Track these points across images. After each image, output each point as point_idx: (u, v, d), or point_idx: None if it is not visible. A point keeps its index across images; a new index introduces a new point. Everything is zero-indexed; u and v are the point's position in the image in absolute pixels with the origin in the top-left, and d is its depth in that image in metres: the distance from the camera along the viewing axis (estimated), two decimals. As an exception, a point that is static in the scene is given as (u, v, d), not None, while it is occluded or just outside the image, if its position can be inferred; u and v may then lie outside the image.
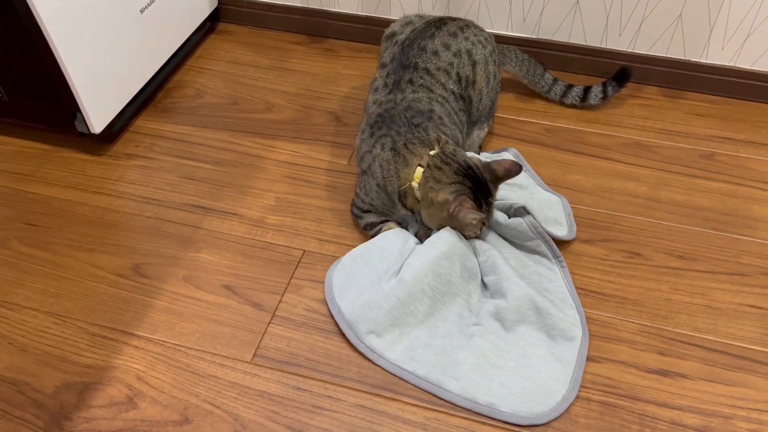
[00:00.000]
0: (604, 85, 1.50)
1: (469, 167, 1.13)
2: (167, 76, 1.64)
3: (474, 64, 1.30)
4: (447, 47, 1.27)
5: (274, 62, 1.70)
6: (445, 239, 1.15)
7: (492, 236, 1.22)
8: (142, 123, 1.53)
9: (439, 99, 1.24)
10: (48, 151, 1.47)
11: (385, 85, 1.25)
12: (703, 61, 1.54)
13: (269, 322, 1.15)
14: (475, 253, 1.19)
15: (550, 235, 1.20)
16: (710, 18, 1.46)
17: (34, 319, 1.16)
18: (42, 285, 1.21)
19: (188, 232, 1.29)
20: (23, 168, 1.43)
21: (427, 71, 1.24)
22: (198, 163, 1.43)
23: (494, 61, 1.35)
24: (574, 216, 1.30)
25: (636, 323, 1.14)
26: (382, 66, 1.30)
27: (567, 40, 1.60)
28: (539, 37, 1.61)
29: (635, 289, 1.19)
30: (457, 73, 1.27)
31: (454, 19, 1.33)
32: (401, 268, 1.14)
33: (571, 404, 1.03)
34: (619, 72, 1.49)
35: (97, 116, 1.39)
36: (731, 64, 1.53)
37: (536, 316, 1.11)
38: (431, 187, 1.13)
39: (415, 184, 1.15)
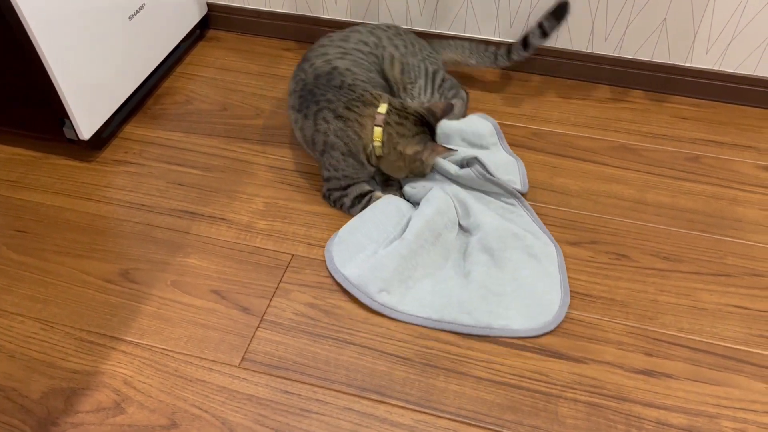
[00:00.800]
0: (540, 24, 1.48)
1: (422, 115, 1.27)
2: (157, 83, 1.64)
3: (378, 41, 1.42)
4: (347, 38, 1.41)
5: (263, 68, 1.71)
6: (436, 197, 1.26)
7: (450, 184, 1.33)
8: (131, 129, 1.54)
9: (338, 55, 1.35)
10: (37, 157, 1.47)
11: (293, 76, 1.37)
12: (687, 65, 1.56)
13: (257, 327, 1.15)
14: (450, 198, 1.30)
15: (501, 184, 1.31)
16: (694, 22, 1.48)
17: (21, 325, 1.16)
18: (30, 291, 1.21)
19: (177, 238, 1.30)
20: (12, 175, 1.43)
21: (322, 45, 1.38)
22: (187, 169, 1.44)
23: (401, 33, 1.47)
24: (562, 219, 1.31)
25: (622, 324, 1.14)
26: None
27: (554, 45, 1.61)
28: (526, 42, 1.63)
29: (622, 291, 1.20)
30: (358, 40, 1.40)
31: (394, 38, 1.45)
32: (403, 230, 1.24)
33: (568, 310, 1.16)
34: (557, 7, 1.46)
35: (86, 123, 1.39)
36: (715, 67, 1.55)
37: (515, 240, 1.22)
38: (397, 142, 1.25)
39: (377, 143, 1.25)
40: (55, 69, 1.28)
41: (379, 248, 1.22)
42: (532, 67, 1.66)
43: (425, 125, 1.26)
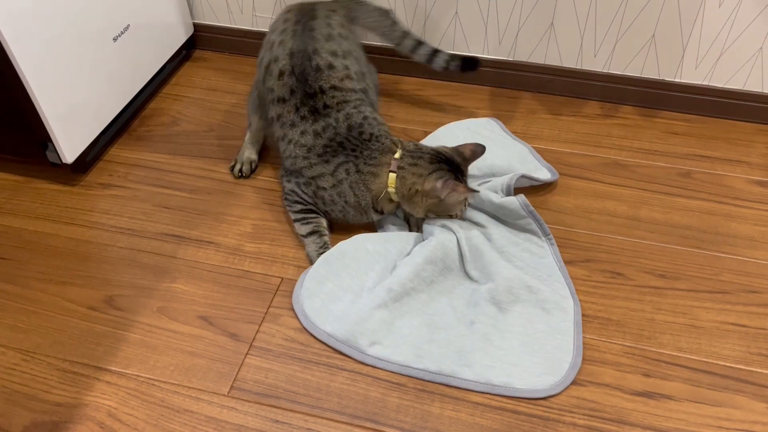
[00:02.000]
0: (451, 58, 1.48)
1: (440, 153, 1.23)
2: (142, 104, 1.62)
3: (357, 58, 1.36)
4: (334, 55, 1.28)
5: (250, 89, 1.68)
6: (431, 244, 1.20)
7: (483, 217, 1.29)
8: (116, 152, 1.51)
9: (358, 102, 1.27)
10: (19, 182, 1.44)
11: (303, 117, 1.24)
12: (677, 80, 1.55)
13: (246, 353, 1.12)
14: (459, 243, 1.23)
15: (538, 180, 1.33)
16: (683, 38, 1.48)
17: (2, 356, 1.12)
18: (11, 320, 1.17)
19: (163, 262, 1.27)
20: (-7, 200, 1.39)
21: (335, 88, 1.25)
22: (173, 192, 1.41)
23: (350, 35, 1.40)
24: (555, 237, 1.29)
25: (619, 344, 1.12)
26: (281, 100, 1.26)
27: (543, 62, 1.61)
28: (515, 59, 1.62)
29: (618, 310, 1.18)
30: (355, 71, 1.31)
31: (314, 11, 1.34)
32: (383, 278, 1.19)
33: (578, 371, 1.08)
34: (468, 60, 1.49)
35: (69, 146, 1.37)
36: (705, 83, 1.54)
37: (528, 293, 1.16)
38: (414, 182, 1.21)
39: (391, 189, 1.22)
40: (37, 92, 1.25)
41: (357, 298, 1.16)
42: (521, 83, 1.65)
43: (444, 162, 1.21)
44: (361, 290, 1.17)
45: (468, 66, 1.50)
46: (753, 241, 1.29)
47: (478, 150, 1.26)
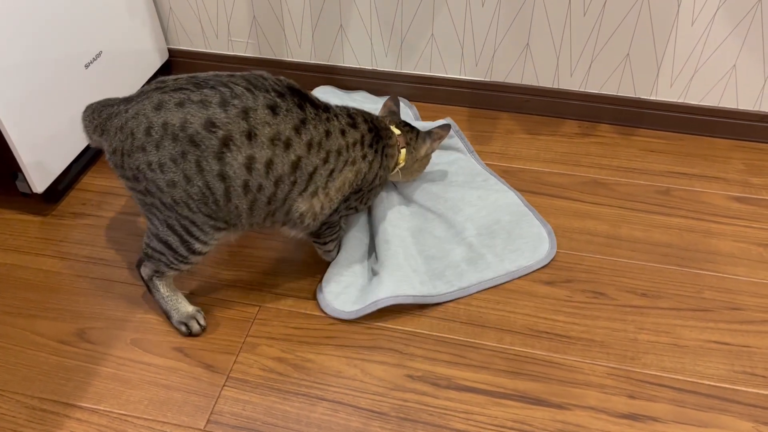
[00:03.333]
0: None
1: (400, 117, 1.33)
2: (116, 131, 1.59)
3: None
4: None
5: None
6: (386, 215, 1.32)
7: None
8: (89, 180, 1.48)
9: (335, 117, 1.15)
10: (-12, 212, 1.40)
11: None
12: (653, 98, 1.56)
13: (223, 385, 1.09)
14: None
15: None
16: (657, 56, 1.49)
17: (-33, 394, 1.08)
18: (-22, 357, 1.13)
19: (137, 292, 1.23)
20: (-39, 232, 1.36)
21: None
22: (148, 219, 1.38)
23: None
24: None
25: (604, 366, 1.11)
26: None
27: (520, 82, 1.61)
28: (493, 80, 1.62)
29: (601, 330, 1.16)
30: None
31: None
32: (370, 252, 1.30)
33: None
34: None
35: (40, 176, 1.33)
36: (680, 100, 1.55)
37: (481, 201, 1.38)
38: (418, 151, 1.30)
39: (401, 164, 1.26)
40: (5, 121, 1.23)
41: (367, 274, 1.25)
42: (499, 104, 1.65)
43: (406, 124, 1.30)
44: (365, 269, 1.26)
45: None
46: (733, 258, 1.28)
47: (396, 102, 1.34)
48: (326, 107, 1.10)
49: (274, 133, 1.00)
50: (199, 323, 1.16)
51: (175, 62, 1.78)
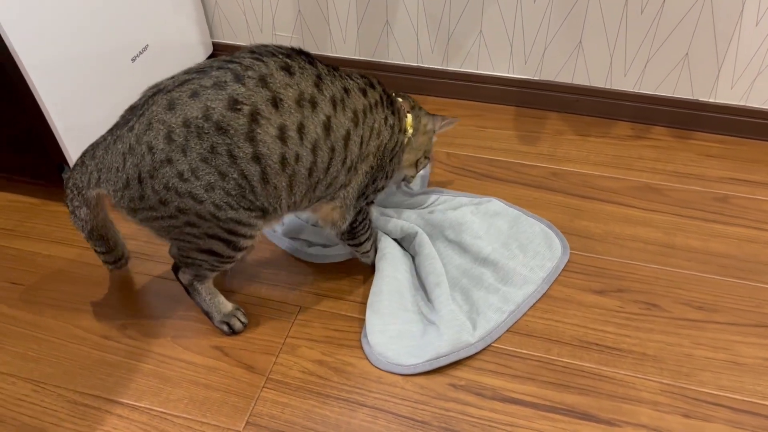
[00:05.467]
0: None
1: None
2: (160, 125, 1.59)
3: None
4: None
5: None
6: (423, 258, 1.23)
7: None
8: (133, 173, 1.48)
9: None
10: (34, 204, 1.41)
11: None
12: (712, 100, 1.49)
13: (263, 386, 1.07)
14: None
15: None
16: (718, 57, 1.42)
17: (12, 386, 1.08)
18: (22, 348, 1.14)
19: (177, 289, 1.22)
20: (7, 223, 1.37)
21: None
22: (190, 215, 1.37)
23: None
24: (585, 265, 1.23)
25: (657, 382, 1.06)
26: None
27: (570, 81, 1.56)
28: (542, 78, 1.57)
29: (654, 344, 1.11)
30: None
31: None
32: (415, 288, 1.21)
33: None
34: None
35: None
36: (741, 103, 1.48)
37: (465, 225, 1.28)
38: (426, 121, 1.22)
39: (410, 131, 1.18)
40: (54, 114, 1.23)
41: (417, 318, 1.15)
42: (548, 103, 1.60)
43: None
44: (408, 312, 1.16)
45: None
46: (797, 271, 1.22)
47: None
48: (334, 67, 1.06)
49: (298, 93, 0.96)
50: (240, 321, 1.15)
51: (219, 56, 1.77)
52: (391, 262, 1.20)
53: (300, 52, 1.02)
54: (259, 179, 0.97)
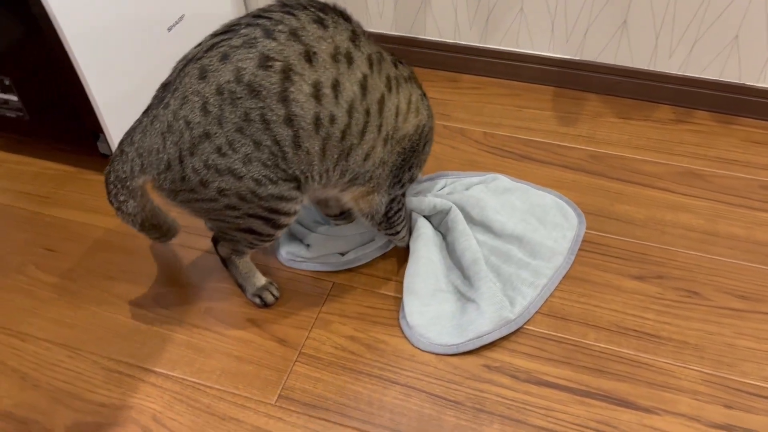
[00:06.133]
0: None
1: None
2: (194, 96, 1.58)
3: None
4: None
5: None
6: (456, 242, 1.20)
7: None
8: (166, 144, 1.47)
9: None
10: (69, 172, 1.41)
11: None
12: (760, 85, 1.44)
13: (295, 360, 1.07)
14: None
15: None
16: (769, 39, 1.37)
17: (47, 351, 1.09)
18: (57, 314, 1.15)
19: (211, 260, 1.22)
20: (42, 190, 1.37)
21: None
22: (223, 187, 1.37)
23: None
24: (625, 250, 1.21)
25: (697, 371, 1.03)
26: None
27: (612, 62, 1.51)
28: (582, 58, 1.53)
29: (694, 333, 1.08)
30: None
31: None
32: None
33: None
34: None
35: (120, 137, 1.33)
36: (791, 88, 1.43)
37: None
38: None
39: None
40: (91, 82, 1.23)
41: (453, 298, 1.14)
42: (588, 84, 1.56)
43: None
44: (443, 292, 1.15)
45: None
46: None
47: None
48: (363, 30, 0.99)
49: (333, 47, 0.91)
50: (272, 294, 1.14)
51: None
52: (425, 242, 1.18)
53: (334, 8, 0.97)
54: (290, 144, 0.92)
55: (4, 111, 1.36)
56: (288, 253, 1.21)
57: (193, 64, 0.92)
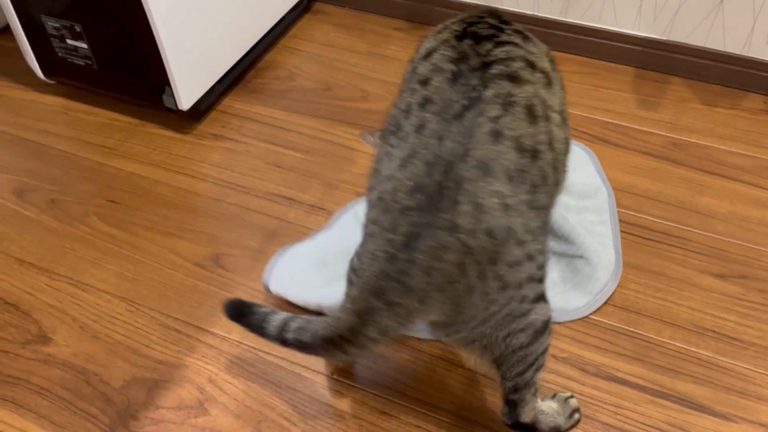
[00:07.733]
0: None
1: None
2: (259, 55, 1.55)
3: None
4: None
5: (371, 48, 1.58)
6: None
7: None
8: (230, 102, 1.45)
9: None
10: (134, 124, 1.40)
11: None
12: None
13: (354, 333, 1.04)
14: None
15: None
16: None
17: (107, 303, 1.09)
18: (118, 267, 1.14)
19: (272, 224, 1.20)
20: (108, 141, 1.36)
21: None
22: (286, 150, 1.34)
23: None
24: (705, 245, 1.14)
25: (780, 380, 0.97)
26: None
27: (703, 45, 1.42)
28: (669, 39, 1.44)
29: (779, 339, 1.02)
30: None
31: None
32: None
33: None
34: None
35: (186, 92, 1.31)
36: None
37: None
38: None
39: None
40: (162, 34, 1.20)
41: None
42: (673, 67, 1.47)
43: None
44: None
45: None
46: None
47: None
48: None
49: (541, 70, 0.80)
50: (575, 408, 0.93)
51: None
52: None
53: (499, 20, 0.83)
54: (551, 168, 0.75)
55: (73, 58, 1.34)
56: None
57: (445, 160, 0.68)
